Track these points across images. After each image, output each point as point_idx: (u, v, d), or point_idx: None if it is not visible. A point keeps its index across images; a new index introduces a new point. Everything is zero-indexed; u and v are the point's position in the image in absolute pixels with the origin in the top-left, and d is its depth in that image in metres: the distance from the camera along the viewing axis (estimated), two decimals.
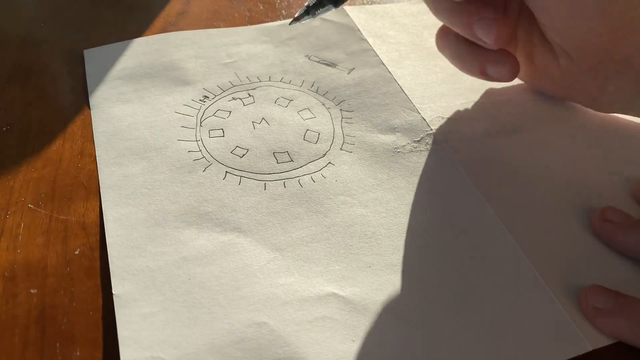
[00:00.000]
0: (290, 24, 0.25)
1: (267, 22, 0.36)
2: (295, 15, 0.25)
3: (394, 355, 0.20)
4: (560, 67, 0.28)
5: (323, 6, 0.25)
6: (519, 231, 0.24)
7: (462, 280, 0.22)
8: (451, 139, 0.28)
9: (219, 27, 0.36)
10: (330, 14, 0.36)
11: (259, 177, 0.26)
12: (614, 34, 0.25)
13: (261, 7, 0.38)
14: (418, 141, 0.28)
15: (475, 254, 0.23)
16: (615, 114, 0.29)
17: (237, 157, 0.27)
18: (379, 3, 0.38)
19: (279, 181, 0.26)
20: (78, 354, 0.20)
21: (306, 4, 0.25)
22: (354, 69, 0.32)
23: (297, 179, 0.26)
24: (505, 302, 0.22)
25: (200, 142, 0.27)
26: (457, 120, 0.30)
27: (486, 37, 0.27)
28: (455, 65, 0.30)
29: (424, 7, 0.34)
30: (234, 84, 0.31)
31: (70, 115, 0.29)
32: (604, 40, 0.25)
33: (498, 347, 0.20)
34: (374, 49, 0.34)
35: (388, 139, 0.28)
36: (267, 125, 0.29)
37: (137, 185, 0.25)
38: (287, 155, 0.27)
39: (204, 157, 0.27)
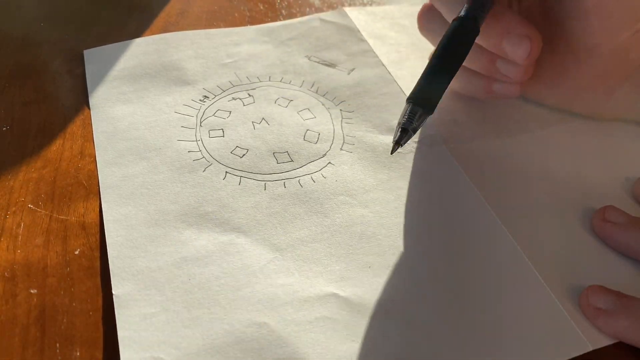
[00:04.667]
0: (392, 153, 0.23)
1: (267, 22, 0.36)
2: (395, 139, 0.22)
3: (394, 355, 0.20)
4: (568, 74, 0.28)
5: (420, 119, 0.22)
6: (519, 231, 0.24)
7: (462, 281, 0.22)
8: (451, 140, 0.28)
9: (219, 27, 0.36)
10: (331, 15, 0.36)
11: (259, 177, 0.26)
12: None
13: (261, 7, 0.38)
14: (418, 142, 0.28)
15: (475, 254, 0.23)
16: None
17: (237, 157, 0.27)
18: (379, 4, 0.38)
19: (279, 181, 0.26)
20: (78, 354, 0.20)
21: (401, 121, 0.22)
22: (354, 69, 0.32)
23: (297, 179, 0.26)
24: (505, 302, 0.22)
25: (200, 142, 0.27)
26: (457, 121, 0.29)
27: (517, 54, 0.25)
28: (459, 89, 0.30)
29: None
30: (234, 84, 0.31)
31: (70, 115, 0.29)
32: (629, 40, 0.25)
33: (498, 347, 0.20)
34: (374, 50, 0.34)
35: (388, 139, 0.28)
36: (267, 125, 0.29)
37: (137, 186, 0.25)
38: (287, 155, 0.27)
39: (203, 157, 0.27)
